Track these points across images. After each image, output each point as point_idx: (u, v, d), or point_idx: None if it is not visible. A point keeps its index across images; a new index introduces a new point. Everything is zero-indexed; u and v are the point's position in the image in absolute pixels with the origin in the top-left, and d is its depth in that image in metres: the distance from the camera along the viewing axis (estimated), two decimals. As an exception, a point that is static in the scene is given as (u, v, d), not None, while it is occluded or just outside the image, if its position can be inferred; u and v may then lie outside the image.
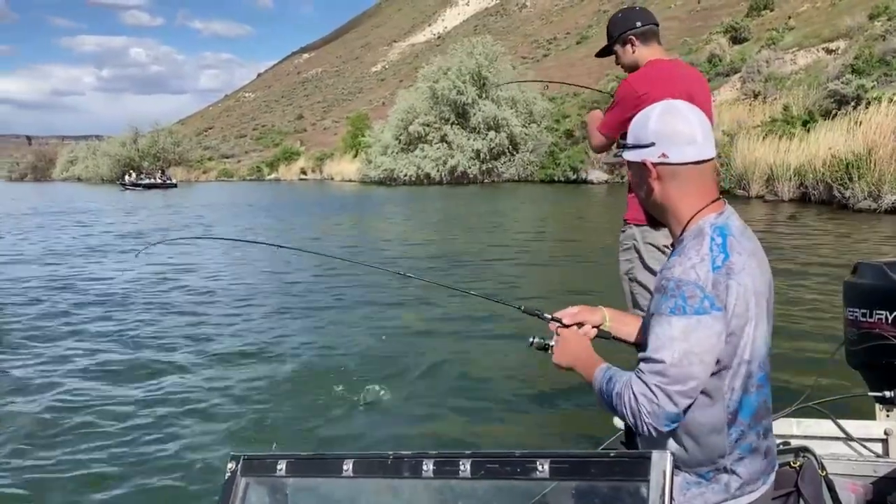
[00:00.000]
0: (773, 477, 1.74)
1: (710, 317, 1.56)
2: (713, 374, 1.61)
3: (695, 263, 1.60)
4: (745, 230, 1.71)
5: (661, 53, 3.46)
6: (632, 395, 1.61)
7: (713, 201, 1.71)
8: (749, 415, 1.65)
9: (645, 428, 1.61)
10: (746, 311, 1.60)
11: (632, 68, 3.45)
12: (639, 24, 3.39)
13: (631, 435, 2.74)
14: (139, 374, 6.76)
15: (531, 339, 2.07)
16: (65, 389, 6.32)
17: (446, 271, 11.77)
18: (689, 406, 1.61)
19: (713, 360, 1.58)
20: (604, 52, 3.62)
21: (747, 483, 1.67)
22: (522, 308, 2.21)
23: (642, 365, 1.62)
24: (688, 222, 1.70)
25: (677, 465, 1.67)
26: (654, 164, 1.69)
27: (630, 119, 1.82)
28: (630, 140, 1.75)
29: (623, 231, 3.46)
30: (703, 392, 1.62)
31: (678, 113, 1.71)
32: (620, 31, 3.41)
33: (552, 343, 2.02)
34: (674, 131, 1.68)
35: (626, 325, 2.07)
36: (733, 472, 1.66)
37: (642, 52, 3.40)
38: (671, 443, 1.68)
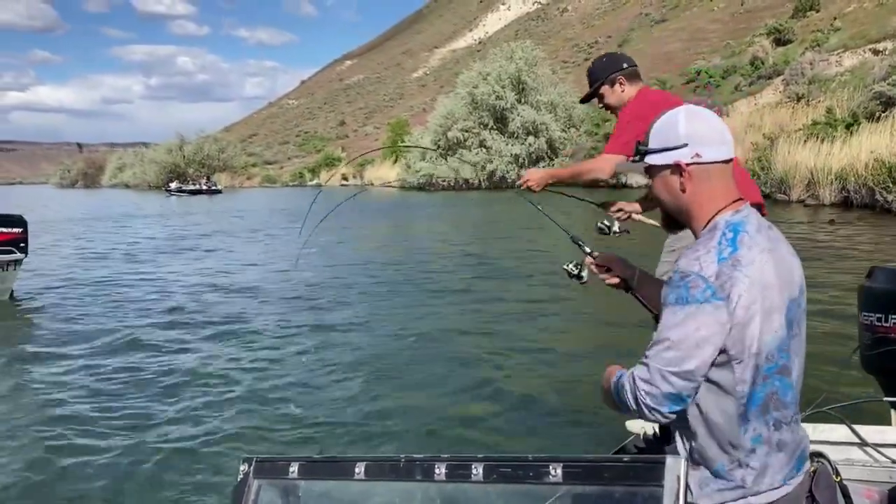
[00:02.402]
0: (798, 479, 1.73)
1: (712, 305, 1.59)
2: (722, 365, 1.63)
3: (700, 255, 1.64)
4: (762, 228, 1.73)
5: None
6: (633, 381, 1.67)
7: (734, 201, 1.74)
8: (757, 405, 1.66)
9: (646, 410, 1.65)
10: (754, 304, 1.62)
11: (619, 108, 3.57)
12: (625, 65, 3.53)
13: (657, 439, 2.74)
14: (159, 372, 6.95)
15: (565, 265, 2.34)
16: (86, 385, 6.56)
17: (488, 271, 11.77)
18: (693, 391, 1.65)
19: (713, 347, 1.61)
20: (587, 98, 3.72)
21: (763, 476, 1.67)
22: (570, 235, 2.56)
23: (646, 352, 1.68)
24: (709, 221, 1.74)
25: (695, 461, 1.70)
26: (688, 165, 1.74)
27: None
28: (655, 144, 1.78)
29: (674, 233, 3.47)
30: (714, 383, 1.65)
31: (702, 115, 1.78)
32: (609, 72, 3.53)
33: (584, 275, 2.35)
34: (704, 132, 1.73)
35: (651, 288, 2.17)
36: (747, 466, 1.66)
37: (629, 91, 3.53)
38: (688, 439, 1.71)
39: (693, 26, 63.93)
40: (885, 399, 2.99)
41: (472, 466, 1.61)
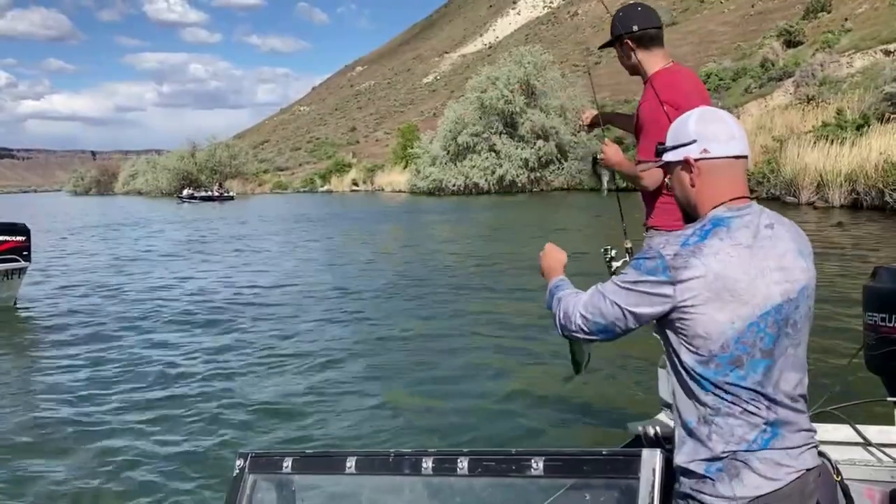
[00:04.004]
0: (794, 478, 1.71)
1: (656, 279, 1.73)
2: (669, 325, 1.76)
3: (671, 238, 1.76)
4: (753, 226, 1.77)
5: (661, 59, 3.27)
6: (575, 306, 1.89)
7: (738, 198, 1.80)
8: (711, 385, 1.72)
9: (567, 330, 1.90)
10: (706, 290, 1.69)
11: (631, 70, 3.35)
12: (635, 28, 3.18)
13: (658, 439, 2.72)
14: (158, 373, 7.06)
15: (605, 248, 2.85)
16: (86, 387, 6.66)
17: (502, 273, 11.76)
18: (612, 333, 1.84)
19: (643, 313, 1.76)
20: (603, 47, 3.46)
21: (735, 442, 1.69)
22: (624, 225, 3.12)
23: (599, 285, 1.87)
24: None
25: (678, 418, 1.78)
26: (696, 160, 1.81)
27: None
28: (670, 143, 1.87)
29: (649, 238, 3.37)
30: (668, 337, 1.78)
31: (715, 114, 1.87)
32: (618, 32, 3.24)
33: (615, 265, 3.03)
34: (714, 128, 1.82)
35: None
36: (713, 424, 1.71)
37: (644, 59, 3.23)
38: (674, 392, 1.80)
39: (704, 29, 63.88)
40: (890, 399, 2.95)
41: (458, 460, 1.66)
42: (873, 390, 3.20)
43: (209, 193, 66.42)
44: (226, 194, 66.31)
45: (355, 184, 71.19)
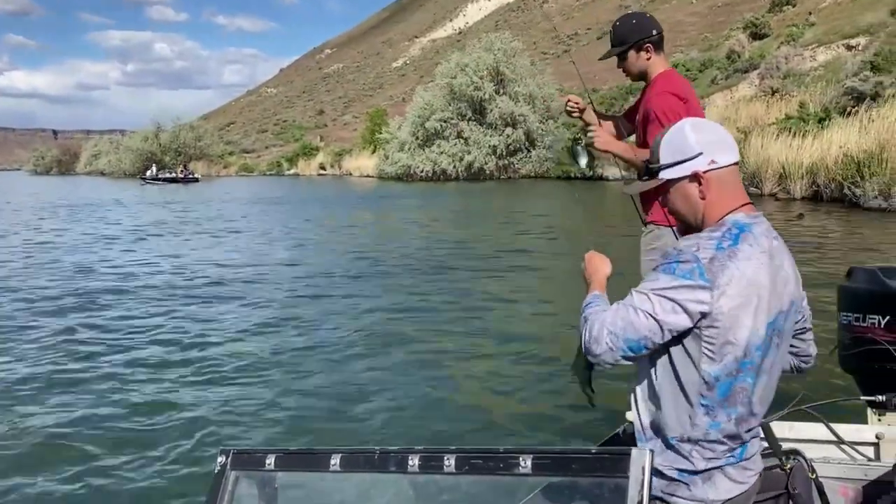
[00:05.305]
0: (755, 479, 1.78)
1: (694, 283, 1.66)
2: (695, 338, 1.70)
3: (701, 241, 1.72)
4: (768, 235, 1.79)
5: (666, 62, 3.55)
6: (602, 324, 1.74)
7: (745, 204, 1.81)
8: (723, 394, 1.71)
9: (592, 354, 1.75)
10: (739, 296, 1.67)
11: (639, 75, 3.53)
12: (654, 32, 3.47)
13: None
14: (132, 359, 6.92)
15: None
16: (64, 378, 6.48)
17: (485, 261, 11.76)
18: (650, 343, 1.71)
19: (676, 323, 1.68)
20: (608, 56, 3.61)
21: (714, 460, 1.72)
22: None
23: (620, 303, 1.76)
24: (719, 220, 1.80)
25: (654, 430, 1.78)
26: (705, 172, 1.78)
27: None
28: (668, 159, 1.82)
29: (649, 232, 3.46)
30: (687, 351, 1.71)
31: (706, 123, 1.85)
32: (638, 37, 3.45)
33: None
34: (715, 138, 1.80)
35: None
36: (697, 444, 1.72)
37: (654, 61, 3.47)
38: (654, 406, 1.77)
39: (672, 19, 64.14)
40: (862, 398, 3.01)
41: (445, 458, 1.63)
42: (847, 389, 3.29)
43: (173, 175, 65.23)
44: (190, 176, 65.21)
45: (322, 168, 70.57)
